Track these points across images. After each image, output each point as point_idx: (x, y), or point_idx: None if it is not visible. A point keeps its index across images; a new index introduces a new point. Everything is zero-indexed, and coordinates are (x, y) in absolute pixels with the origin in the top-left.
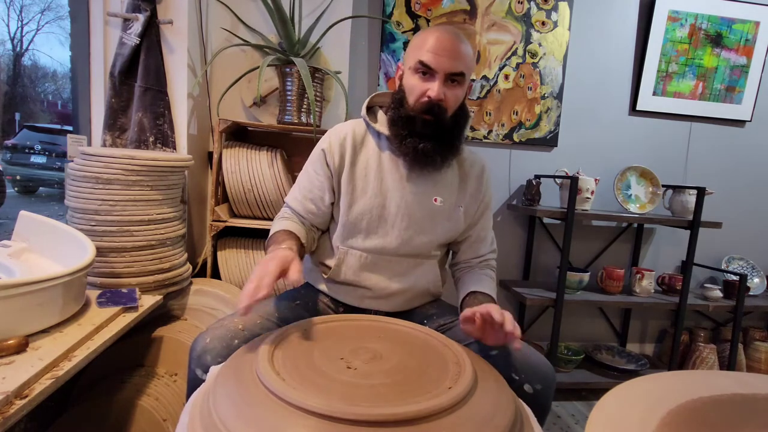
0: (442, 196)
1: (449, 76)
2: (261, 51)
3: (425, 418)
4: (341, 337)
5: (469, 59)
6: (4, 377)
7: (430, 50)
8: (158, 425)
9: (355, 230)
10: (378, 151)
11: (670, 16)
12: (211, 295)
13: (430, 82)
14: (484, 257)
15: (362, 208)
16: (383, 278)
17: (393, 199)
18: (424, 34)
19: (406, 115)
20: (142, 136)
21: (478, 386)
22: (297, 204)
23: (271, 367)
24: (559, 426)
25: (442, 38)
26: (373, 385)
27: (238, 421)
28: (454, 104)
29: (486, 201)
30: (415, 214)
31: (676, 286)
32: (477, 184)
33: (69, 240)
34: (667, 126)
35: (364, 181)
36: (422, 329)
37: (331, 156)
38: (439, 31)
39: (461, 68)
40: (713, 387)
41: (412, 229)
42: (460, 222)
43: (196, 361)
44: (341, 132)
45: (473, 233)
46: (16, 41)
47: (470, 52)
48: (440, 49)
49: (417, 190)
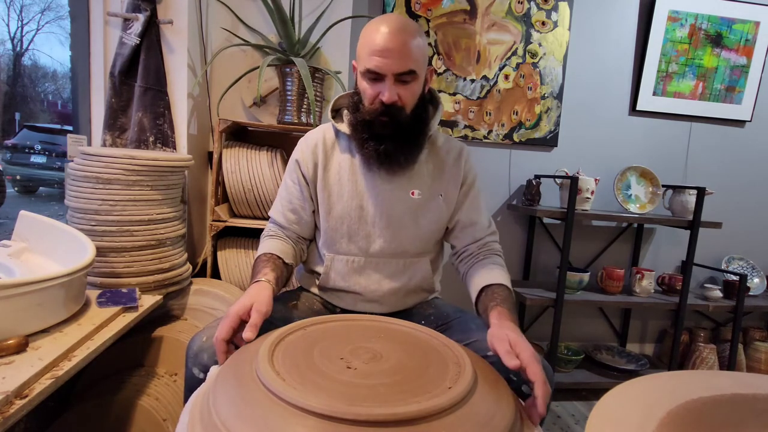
0: (419, 188)
1: (399, 76)
2: (261, 51)
3: (425, 418)
4: (340, 337)
5: (419, 52)
6: (4, 377)
7: (374, 53)
8: (158, 425)
9: (337, 235)
10: (349, 154)
11: (670, 16)
12: (211, 295)
13: (380, 85)
14: (483, 240)
15: (340, 212)
16: (373, 281)
17: (370, 199)
18: (367, 32)
19: (363, 119)
20: (142, 136)
21: (478, 386)
22: (279, 216)
23: (271, 367)
24: (559, 426)
25: (384, 37)
26: (373, 385)
27: (238, 421)
28: (412, 101)
29: (469, 182)
30: (394, 210)
31: (676, 286)
32: (455, 168)
33: (69, 240)
34: (667, 126)
35: (338, 185)
36: (422, 329)
37: (305, 165)
38: (382, 29)
39: (410, 66)
40: (713, 387)
41: (394, 227)
42: (443, 211)
43: (192, 360)
44: (312, 140)
45: (461, 217)
46: (16, 41)
47: (420, 43)
48: (385, 51)
49: (392, 187)
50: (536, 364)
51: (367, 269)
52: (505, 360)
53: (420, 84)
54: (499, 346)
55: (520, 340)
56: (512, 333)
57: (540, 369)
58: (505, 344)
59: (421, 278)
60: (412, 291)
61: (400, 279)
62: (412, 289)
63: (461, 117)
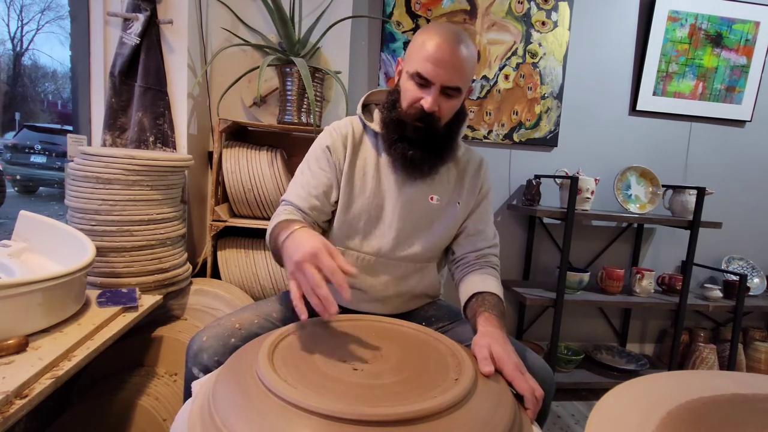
0: (438, 194)
1: (445, 89)
2: (261, 51)
3: (423, 419)
4: (339, 339)
5: (470, 69)
6: (4, 377)
7: (428, 59)
8: (158, 425)
9: (352, 231)
10: (375, 151)
11: (670, 16)
12: (211, 295)
13: (425, 91)
14: (482, 252)
15: (360, 208)
16: (380, 281)
17: (390, 200)
18: (425, 37)
19: (398, 119)
20: (142, 136)
21: (478, 386)
22: (300, 201)
23: (273, 370)
24: (559, 426)
25: (442, 47)
26: (384, 384)
27: (238, 421)
28: (449, 114)
29: (483, 192)
30: (411, 214)
31: (676, 286)
32: (474, 179)
33: (69, 240)
34: (667, 126)
35: (362, 180)
36: (412, 326)
37: (335, 153)
38: (440, 37)
39: (458, 83)
40: (713, 387)
41: (409, 229)
42: (458, 218)
43: (192, 360)
44: (342, 129)
45: (469, 224)
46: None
47: (472, 58)
48: (439, 60)
49: (413, 190)
50: (521, 377)
51: (377, 269)
52: (480, 366)
53: (461, 101)
54: (478, 353)
55: (504, 354)
56: (496, 344)
57: (525, 381)
58: (484, 351)
59: (429, 284)
60: (417, 296)
61: (408, 283)
62: (418, 294)
63: None
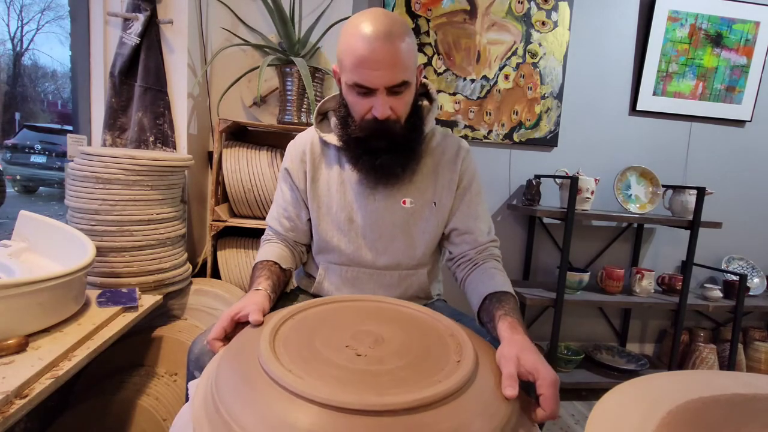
0: (411, 197)
1: (391, 89)
2: (261, 51)
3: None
4: (337, 322)
5: (410, 58)
6: (4, 377)
7: (361, 65)
8: (158, 425)
9: (328, 247)
10: (338, 164)
11: (670, 16)
12: (211, 294)
13: (371, 99)
14: (481, 246)
15: (329, 225)
16: (367, 291)
17: (359, 211)
18: (352, 36)
19: (356, 137)
20: (142, 136)
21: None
22: (275, 222)
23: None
24: (559, 426)
25: (372, 46)
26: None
27: (245, 414)
28: (405, 111)
29: (464, 185)
30: (384, 222)
31: (676, 286)
32: (450, 172)
33: (69, 240)
34: (667, 126)
35: (327, 196)
36: (419, 308)
37: (295, 174)
38: (367, 34)
39: (402, 77)
40: (713, 387)
41: (385, 239)
42: (437, 220)
43: (194, 364)
44: (299, 147)
45: (457, 224)
46: (16, 41)
47: (409, 46)
48: (374, 63)
49: (383, 197)
50: (552, 397)
51: (362, 280)
52: (503, 386)
53: (413, 91)
54: (504, 367)
55: (540, 364)
56: (527, 354)
57: (554, 402)
58: (510, 367)
59: (418, 288)
60: (407, 300)
61: (396, 291)
62: (408, 298)
63: (461, 117)
